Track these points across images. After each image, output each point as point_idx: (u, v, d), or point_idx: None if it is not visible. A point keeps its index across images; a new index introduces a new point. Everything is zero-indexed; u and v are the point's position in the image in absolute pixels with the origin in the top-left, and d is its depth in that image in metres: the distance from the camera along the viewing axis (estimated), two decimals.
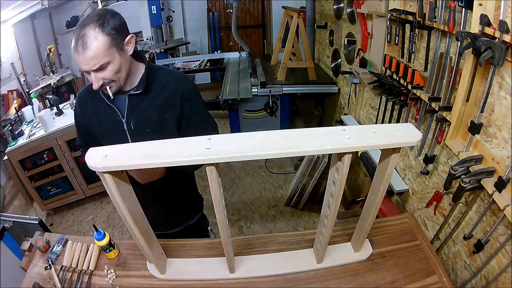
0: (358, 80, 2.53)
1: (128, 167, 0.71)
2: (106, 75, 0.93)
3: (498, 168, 1.11)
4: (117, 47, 0.92)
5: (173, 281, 1.07)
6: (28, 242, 1.20)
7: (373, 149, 0.77)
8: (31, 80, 3.84)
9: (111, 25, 0.90)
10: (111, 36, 0.90)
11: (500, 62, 0.98)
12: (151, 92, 1.05)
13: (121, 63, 0.95)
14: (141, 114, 1.04)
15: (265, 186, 3.12)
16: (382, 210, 1.76)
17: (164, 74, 1.10)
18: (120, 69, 0.95)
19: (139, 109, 1.04)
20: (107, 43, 0.89)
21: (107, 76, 0.93)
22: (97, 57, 0.88)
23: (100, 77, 0.93)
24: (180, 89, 1.07)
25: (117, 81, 0.97)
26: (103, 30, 0.88)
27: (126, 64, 0.98)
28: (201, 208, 1.47)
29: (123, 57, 0.95)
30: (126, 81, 1.01)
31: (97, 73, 0.92)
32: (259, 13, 5.92)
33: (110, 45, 0.90)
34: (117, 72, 0.95)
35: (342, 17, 2.94)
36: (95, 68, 0.90)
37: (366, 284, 1.04)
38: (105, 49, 0.89)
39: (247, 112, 3.34)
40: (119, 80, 0.97)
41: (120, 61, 0.94)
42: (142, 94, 1.03)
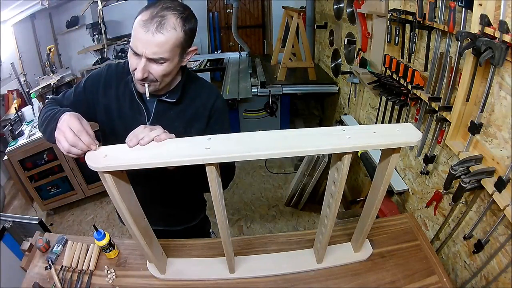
0: (358, 80, 2.53)
1: (128, 167, 0.71)
2: (157, 71, 0.85)
3: (498, 168, 1.11)
4: (181, 50, 0.86)
5: (173, 281, 1.07)
6: (28, 242, 1.20)
7: (373, 149, 0.77)
8: (31, 80, 3.84)
9: (190, 26, 0.85)
10: (186, 35, 0.84)
11: (500, 62, 0.98)
12: (182, 103, 1.00)
13: (173, 68, 0.88)
14: (168, 122, 0.97)
15: (265, 186, 3.12)
16: (382, 210, 1.76)
17: (199, 86, 1.04)
18: (170, 73, 0.89)
19: (167, 116, 0.99)
20: (180, 39, 0.83)
21: (156, 73, 0.86)
22: (164, 47, 0.81)
23: (148, 70, 0.85)
24: (210, 104, 1.01)
25: (159, 83, 0.90)
26: (183, 25, 0.82)
27: (175, 71, 0.92)
28: (203, 211, 1.45)
29: (178, 64, 0.90)
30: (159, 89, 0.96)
31: (150, 64, 0.84)
32: (259, 13, 5.92)
33: (180, 44, 0.84)
34: (166, 74, 0.88)
35: (342, 17, 2.94)
36: (154, 57, 0.81)
37: (366, 284, 1.04)
38: (175, 45, 0.82)
39: (247, 112, 3.34)
40: (161, 83, 0.91)
41: (175, 65, 0.88)
42: (172, 103, 0.99)
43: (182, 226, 1.37)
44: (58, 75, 3.82)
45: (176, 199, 1.27)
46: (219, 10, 5.76)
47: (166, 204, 1.25)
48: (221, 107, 1.05)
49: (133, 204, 0.87)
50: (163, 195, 1.21)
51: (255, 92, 3.21)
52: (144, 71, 0.84)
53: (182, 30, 0.82)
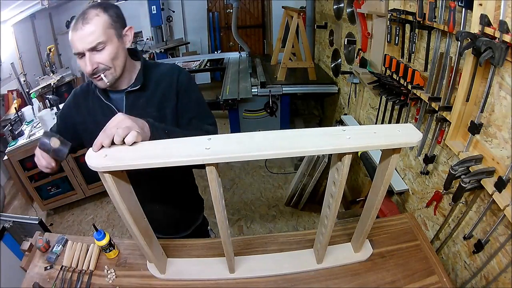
0: (358, 80, 2.53)
1: (128, 167, 0.71)
2: (103, 58, 0.89)
3: (498, 168, 1.11)
4: (116, 31, 0.91)
5: (173, 281, 1.07)
6: (28, 242, 1.20)
7: (373, 149, 0.77)
8: (31, 80, 3.84)
9: (113, 9, 0.91)
10: (112, 17, 0.90)
11: (500, 62, 0.98)
12: (149, 88, 1.03)
13: (118, 49, 0.92)
14: (140, 111, 1.00)
15: (265, 186, 3.12)
16: (382, 210, 1.77)
17: (160, 69, 1.08)
18: (117, 55, 0.92)
19: (138, 106, 1.02)
20: (107, 21, 0.89)
21: (103, 60, 0.90)
22: (96, 33, 0.86)
23: (95, 61, 0.89)
24: (175, 81, 1.05)
25: (113, 69, 0.93)
26: (105, 10, 0.89)
27: (123, 54, 0.95)
28: (203, 209, 1.47)
29: (120, 45, 0.93)
30: (123, 77, 0.99)
31: (93, 55, 0.89)
32: (259, 13, 5.92)
33: (110, 25, 0.89)
34: (113, 58, 0.92)
35: (342, 17, 2.94)
36: (92, 45, 0.86)
37: (366, 284, 1.04)
38: (105, 27, 0.88)
39: (247, 112, 3.34)
40: (115, 68, 0.94)
41: (117, 46, 0.92)
42: (139, 90, 1.01)
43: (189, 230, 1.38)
44: (58, 75, 3.82)
45: (176, 200, 1.27)
46: (219, 10, 5.77)
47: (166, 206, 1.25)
48: (186, 80, 1.08)
49: (133, 204, 0.87)
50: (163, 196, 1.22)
51: (255, 92, 3.21)
52: (91, 63, 0.89)
53: (105, 14, 0.89)
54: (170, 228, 1.31)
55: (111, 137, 0.72)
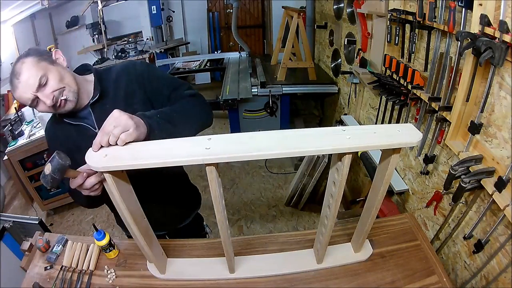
0: (358, 80, 2.53)
1: (128, 167, 0.71)
2: (52, 86, 0.90)
3: (498, 168, 1.11)
4: (46, 61, 0.91)
5: (173, 281, 1.07)
6: (28, 242, 1.20)
7: (373, 149, 0.77)
8: None
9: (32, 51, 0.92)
10: (36, 56, 0.90)
11: (500, 62, 0.98)
12: (109, 93, 1.03)
13: (59, 71, 0.92)
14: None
15: (265, 186, 3.12)
16: (382, 210, 1.77)
17: (113, 71, 1.07)
18: (63, 76, 0.93)
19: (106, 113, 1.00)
20: (34, 61, 0.89)
21: (53, 87, 0.90)
22: (32, 75, 0.87)
23: (48, 92, 0.90)
24: (132, 74, 1.04)
25: (68, 87, 0.93)
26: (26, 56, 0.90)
27: (67, 73, 0.95)
28: (198, 207, 1.48)
29: (59, 67, 0.94)
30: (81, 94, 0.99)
31: (43, 91, 0.89)
32: (259, 13, 5.92)
33: (38, 61, 0.90)
34: (61, 79, 0.92)
35: (342, 17, 2.94)
36: (36, 84, 0.88)
37: (366, 284, 1.04)
38: (35, 65, 0.88)
39: (247, 112, 3.34)
40: (70, 87, 0.94)
41: (58, 70, 0.92)
42: (101, 98, 1.01)
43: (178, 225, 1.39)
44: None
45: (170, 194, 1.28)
46: (219, 10, 5.76)
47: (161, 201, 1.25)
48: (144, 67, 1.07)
49: (133, 204, 0.87)
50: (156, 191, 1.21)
51: (255, 92, 3.21)
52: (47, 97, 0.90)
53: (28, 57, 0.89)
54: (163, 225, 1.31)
55: (109, 135, 0.73)
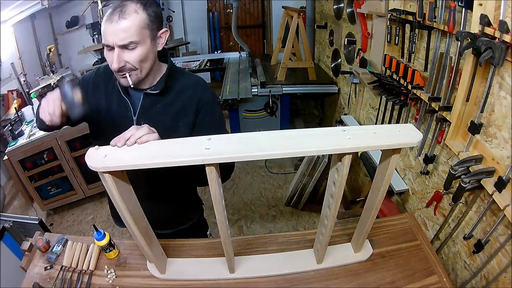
0: (358, 80, 2.53)
1: (128, 167, 0.71)
2: (132, 58, 0.86)
3: (498, 168, 1.11)
4: (151, 32, 0.87)
5: (173, 281, 1.07)
6: (28, 242, 1.20)
7: (374, 149, 0.77)
8: (31, 80, 3.84)
9: (153, 8, 0.87)
10: (150, 17, 0.86)
11: (500, 62, 0.98)
12: (168, 95, 0.99)
13: (148, 51, 0.88)
14: (154, 116, 0.98)
15: (265, 186, 3.12)
16: (382, 210, 1.77)
17: (185, 79, 1.03)
18: (147, 58, 0.89)
19: (153, 110, 0.99)
20: (144, 21, 0.84)
21: (132, 59, 0.86)
22: (131, 30, 0.82)
23: (124, 59, 0.86)
24: (197, 97, 1.00)
25: (139, 71, 0.90)
26: (144, 8, 0.85)
27: (152, 56, 0.92)
28: (198, 211, 1.40)
29: (152, 47, 0.90)
30: (146, 78, 0.96)
31: (123, 52, 0.85)
32: (259, 13, 5.92)
33: (146, 26, 0.85)
34: (142, 60, 0.88)
35: (342, 17, 2.94)
36: (124, 42, 0.83)
37: (366, 284, 1.04)
38: (141, 26, 0.84)
39: (247, 112, 3.34)
40: (141, 70, 0.91)
41: (149, 49, 0.88)
42: (158, 95, 0.98)
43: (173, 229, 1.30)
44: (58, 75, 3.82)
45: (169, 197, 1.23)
46: (219, 10, 5.76)
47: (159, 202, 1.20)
48: (210, 99, 1.03)
49: (133, 204, 0.87)
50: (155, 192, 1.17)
51: (255, 92, 3.21)
52: (119, 60, 0.85)
53: (144, 12, 0.84)
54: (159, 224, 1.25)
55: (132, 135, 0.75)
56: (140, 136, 0.76)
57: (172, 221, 1.30)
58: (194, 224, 1.38)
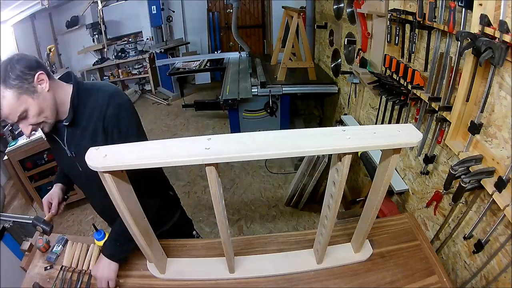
0: (358, 80, 2.53)
1: (128, 167, 0.71)
2: (30, 121, 0.92)
3: (498, 168, 1.11)
4: (27, 93, 0.89)
5: (173, 281, 1.07)
6: (28, 242, 1.20)
7: (373, 149, 0.77)
8: None
9: (14, 74, 0.87)
10: (17, 86, 0.87)
11: (500, 62, 0.98)
12: (81, 121, 1.02)
13: (39, 105, 0.92)
14: (78, 142, 1.03)
15: (265, 186, 3.12)
16: (382, 210, 1.76)
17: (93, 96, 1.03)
18: (42, 110, 0.93)
19: (76, 137, 1.04)
20: (14, 93, 0.87)
21: (31, 121, 0.93)
22: (12, 111, 0.88)
23: (28, 124, 0.93)
24: (102, 113, 1.00)
25: (46, 120, 0.96)
26: (6, 85, 0.86)
27: (47, 103, 0.94)
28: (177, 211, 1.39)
29: (39, 99, 0.92)
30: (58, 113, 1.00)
31: (22, 122, 0.92)
32: (259, 13, 5.92)
33: (19, 95, 0.88)
34: (39, 114, 0.93)
35: (342, 17, 2.94)
36: (15, 119, 0.90)
37: (366, 284, 1.04)
38: (16, 101, 0.87)
39: (247, 112, 3.34)
40: (47, 119, 0.96)
41: (38, 103, 0.91)
42: (72, 124, 1.02)
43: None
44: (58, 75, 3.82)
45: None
46: (219, 10, 5.76)
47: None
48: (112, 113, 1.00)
49: (133, 204, 0.87)
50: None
51: (255, 92, 3.21)
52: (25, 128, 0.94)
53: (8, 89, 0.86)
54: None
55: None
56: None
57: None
58: (175, 225, 1.37)
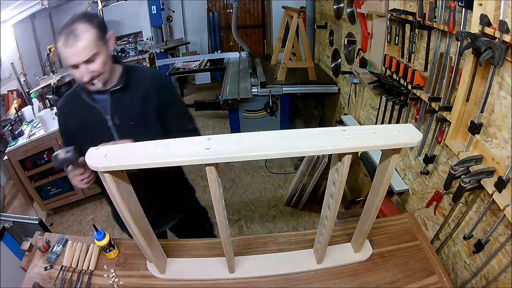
0: (358, 80, 2.53)
1: (128, 167, 0.71)
2: (96, 67, 0.99)
3: (498, 168, 1.11)
4: (102, 41, 1.00)
5: (173, 281, 1.07)
6: (28, 242, 1.20)
7: (373, 149, 0.77)
8: (31, 80, 3.84)
9: (97, 20, 1.00)
10: (98, 29, 0.98)
11: (500, 62, 0.99)
12: (131, 87, 1.12)
13: (106, 55, 1.02)
14: (125, 109, 1.11)
15: (265, 186, 3.12)
16: (382, 210, 1.76)
17: (140, 71, 1.20)
18: (106, 61, 1.02)
19: (122, 104, 1.11)
20: (96, 35, 0.97)
21: (97, 68, 0.99)
22: (88, 48, 0.95)
23: (90, 70, 0.98)
24: (155, 83, 1.16)
25: (105, 73, 1.03)
26: (91, 24, 0.96)
27: (110, 58, 1.05)
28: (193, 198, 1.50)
29: (106, 50, 1.03)
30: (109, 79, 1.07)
31: (88, 65, 0.97)
32: (259, 13, 5.92)
33: (98, 38, 0.98)
34: (105, 63, 1.01)
35: (342, 17, 2.94)
36: (86, 58, 0.95)
37: (366, 284, 1.04)
38: (95, 41, 0.96)
39: (247, 112, 3.34)
40: (106, 72, 1.03)
41: (106, 53, 1.02)
42: (122, 89, 1.10)
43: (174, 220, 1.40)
44: (58, 75, 3.82)
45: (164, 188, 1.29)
46: (219, 10, 5.76)
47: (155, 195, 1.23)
48: (167, 83, 1.23)
49: (133, 204, 0.87)
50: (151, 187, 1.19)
51: (255, 92, 3.21)
52: (87, 73, 0.98)
53: (93, 27, 0.97)
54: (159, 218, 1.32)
55: None
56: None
57: (170, 211, 1.39)
58: (193, 211, 1.49)
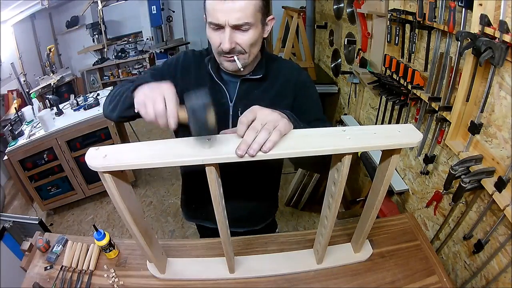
0: (358, 80, 2.53)
1: (128, 167, 0.71)
2: (243, 40, 0.82)
3: (498, 168, 1.11)
4: (262, 17, 0.83)
5: (173, 281, 1.07)
6: (28, 242, 1.20)
7: (374, 150, 0.77)
8: (31, 80, 3.84)
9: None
10: (264, 2, 0.82)
11: (500, 62, 0.99)
12: (266, 80, 0.96)
13: (259, 36, 0.85)
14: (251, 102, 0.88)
15: None
16: (382, 210, 1.77)
17: (279, 63, 1.01)
18: (256, 42, 0.85)
19: (251, 96, 0.95)
20: (260, 4, 0.80)
21: (243, 42, 0.82)
22: (246, 12, 0.77)
23: (235, 40, 0.81)
24: (294, 79, 0.99)
25: (247, 55, 0.86)
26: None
27: (260, 42, 0.88)
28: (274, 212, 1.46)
29: (261, 32, 0.86)
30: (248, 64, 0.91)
31: (234, 33, 0.81)
32: None
33: (260, 9, 0.81)
34: (253, 43, 0.84)
35: (342, 17, 2.94)
36: (238, 22, 0.78)
37: (366, 284, 1.04)
38: (256, 9, 0.79)
39: None
40: (250, 55, 0.87)
41: (259, 33, 0.85)
42: (257, 80, 0.95)
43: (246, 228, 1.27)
44: (58, 75, 3.82)
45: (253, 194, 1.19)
46: None
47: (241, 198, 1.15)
48: (305, 81, 1.01)
49: (133, 204, 0.87)
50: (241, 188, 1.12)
51: None
52: (231, 40, 0.81)
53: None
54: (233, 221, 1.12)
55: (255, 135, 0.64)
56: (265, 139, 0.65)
57: (248, 220, 1.26)
58: (266, 226, 1.36)
